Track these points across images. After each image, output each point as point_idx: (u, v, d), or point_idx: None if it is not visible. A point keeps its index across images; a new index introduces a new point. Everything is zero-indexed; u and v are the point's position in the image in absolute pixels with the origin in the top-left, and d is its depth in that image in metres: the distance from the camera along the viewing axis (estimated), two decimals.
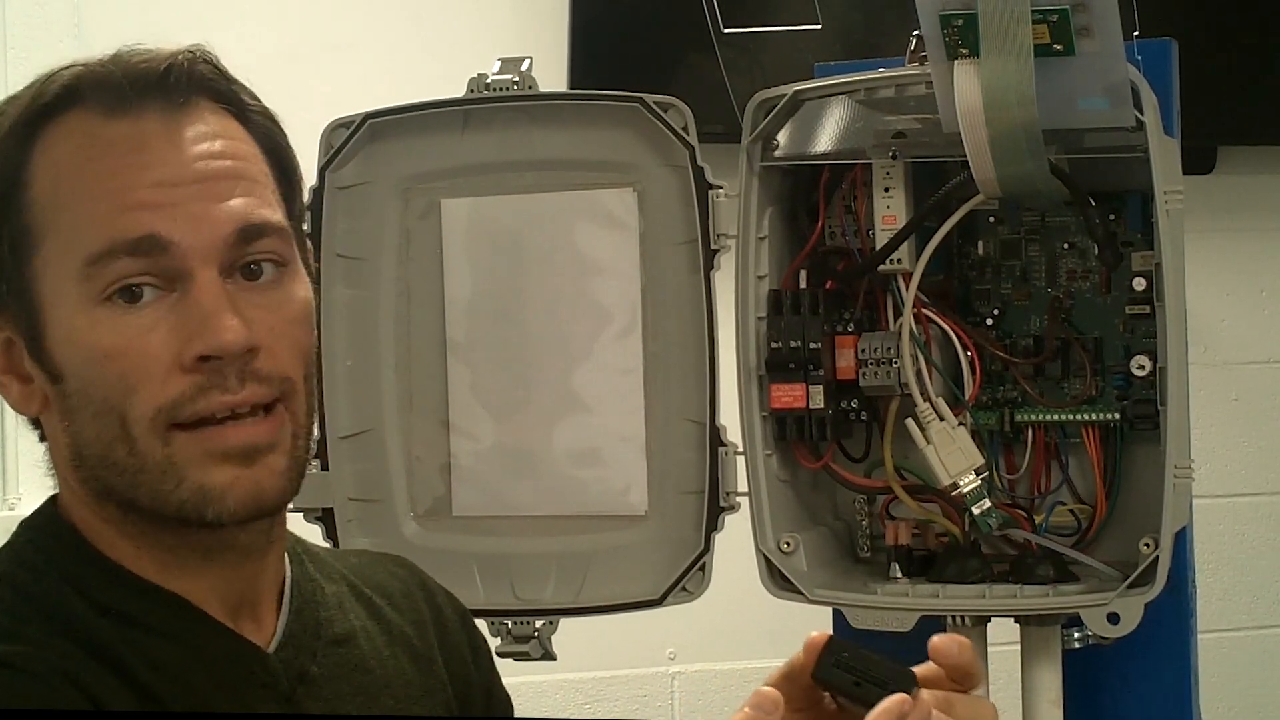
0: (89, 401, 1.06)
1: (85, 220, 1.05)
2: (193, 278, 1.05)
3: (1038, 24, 1.34)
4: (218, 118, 1.11)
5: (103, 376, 1.05)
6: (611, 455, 1.61)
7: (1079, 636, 1.54)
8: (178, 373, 1.05)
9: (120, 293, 1.05)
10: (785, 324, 1.54)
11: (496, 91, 1.60)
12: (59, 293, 1.06)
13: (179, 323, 1.05)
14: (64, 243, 1.06)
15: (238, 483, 1.06)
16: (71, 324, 1.05)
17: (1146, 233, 1.53)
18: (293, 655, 1.15)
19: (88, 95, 1.08)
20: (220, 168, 1.08)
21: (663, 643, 3.01)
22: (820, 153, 1.58)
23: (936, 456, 1.50)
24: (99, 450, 1.07)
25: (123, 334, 1.04)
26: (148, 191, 1.06)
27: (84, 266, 1.04)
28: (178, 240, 1.05)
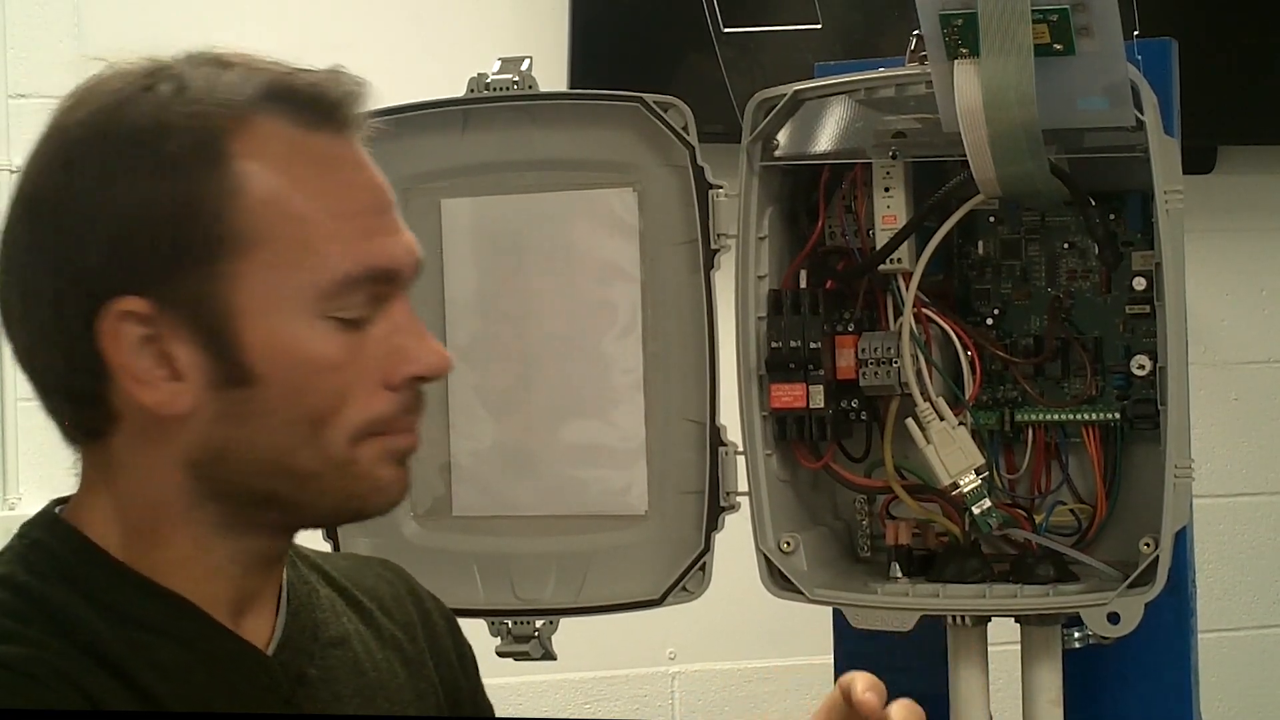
0: (288, 409, 1.07)
1: (326, 238, 1.07)
2: (394, 301, 1.10)
3: (1038, 24, 1.34)
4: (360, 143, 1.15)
5: (316, 387, 1.07)
6: (611, 455, 1.61)
7: (1079, 636, 1.54)
8: (381, 390, 1.10)
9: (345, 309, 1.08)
10: (785, 324, 1.54)
11: (496, 91, 1.60)
12: (273, 300, 1.06)
13: (389, 343, 1.10)
14: (293, 254, 1.06)
15: (398, 480, 1.13)
16: (292, 334, 1.06)
17: (1146, 232, 1.53)
18: (291, 657, 1.15)
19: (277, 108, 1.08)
20: (391, 194, 1.14)
21: (663, 642, 3.01)
22: (820, 152, 1.58)
23: (936, 456, 1.50)
24: (273, 456, 1.08)
25: (343, 349, 1.08)
26: (374, 219, 1.10)
27: (334, 285, 1.06)
28: (403, 270, 1.10)
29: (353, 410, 1.08)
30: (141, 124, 1.06)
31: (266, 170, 1.07)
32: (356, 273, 1.07)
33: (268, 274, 1.06)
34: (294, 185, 1.07)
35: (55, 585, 1.08)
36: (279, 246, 1.06)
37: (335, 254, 1.07)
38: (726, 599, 1.62)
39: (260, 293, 1.06)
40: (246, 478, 1.09)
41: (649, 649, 3.01)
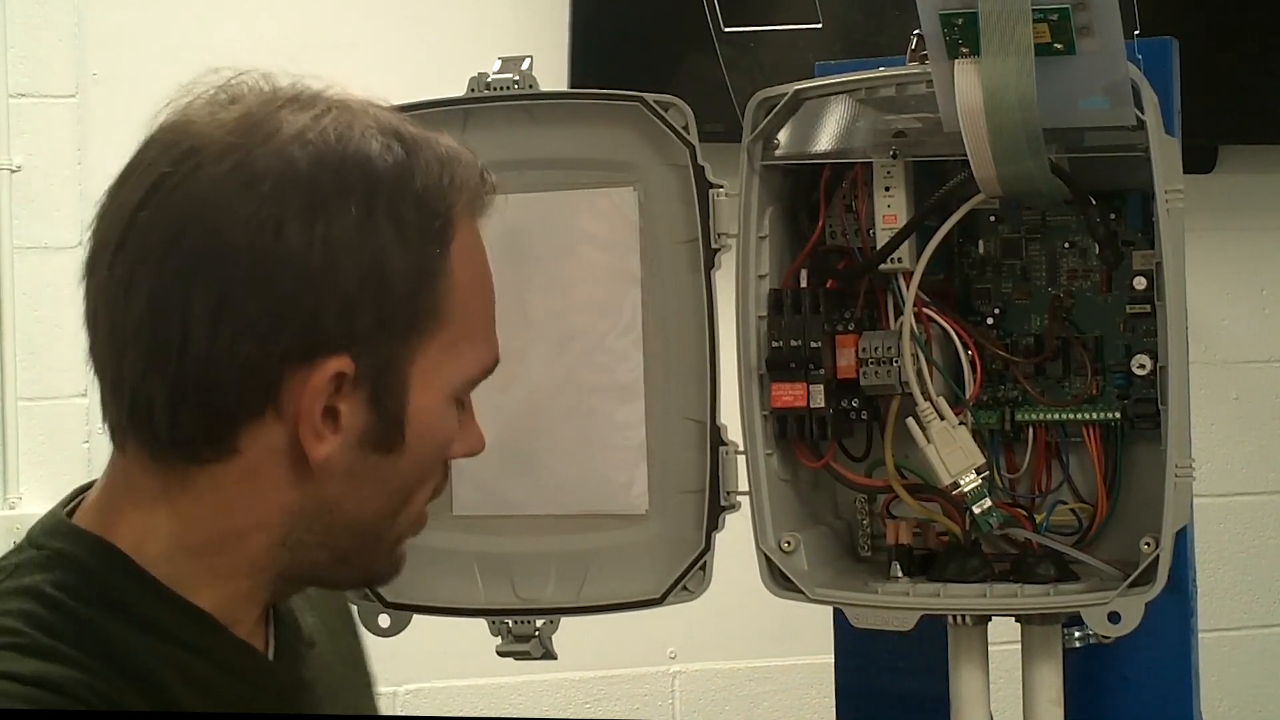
0: (408, 480, 1.13)
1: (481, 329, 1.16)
2: None
3: (1038, 23, 1.34)
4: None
5: (435, 462, 1.15)
6: (612, 454, 1.61)
7: (1080, 636, 1.54)
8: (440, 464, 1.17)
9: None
10: (786, 323, 1.54)
11: (497, 91, 1.60)
12: (438, 377, 1.11)
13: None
14: (459, 339, 1.12)
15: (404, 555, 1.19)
16: (441, 410, 1.13)
17: (1147, 232, 1.53)
18: (290, 663, 1.16)
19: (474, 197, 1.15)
20: None
21: (663, 642, 3.01)
22: (821, 152, 1.57)
23: (937, 455, 1.50)
24: (369, 518, 1.13)
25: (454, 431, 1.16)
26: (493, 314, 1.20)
27: (480, 373, 1.15)
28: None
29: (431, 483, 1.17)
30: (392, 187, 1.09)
31: (467, 261, 1.13)
32: (490, 364, 1.17)
33: (440, 354, 1.11)
34: (479, 272, 1.15)
35: (88, 599, 1.07)
36: (455, 329, 1.12)
37: (486, 347, 1.16)
38: (727, 598, 1.62)
39: (430, 369, 1.11)
40: (337, 534, 1.12)
41: (649, 648, 3.01)
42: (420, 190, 1.09)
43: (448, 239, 1.11)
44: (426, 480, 1.16)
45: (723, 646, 3.00)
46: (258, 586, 1.12)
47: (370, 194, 1.08)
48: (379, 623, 1.58)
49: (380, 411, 1.09)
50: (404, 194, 1.09)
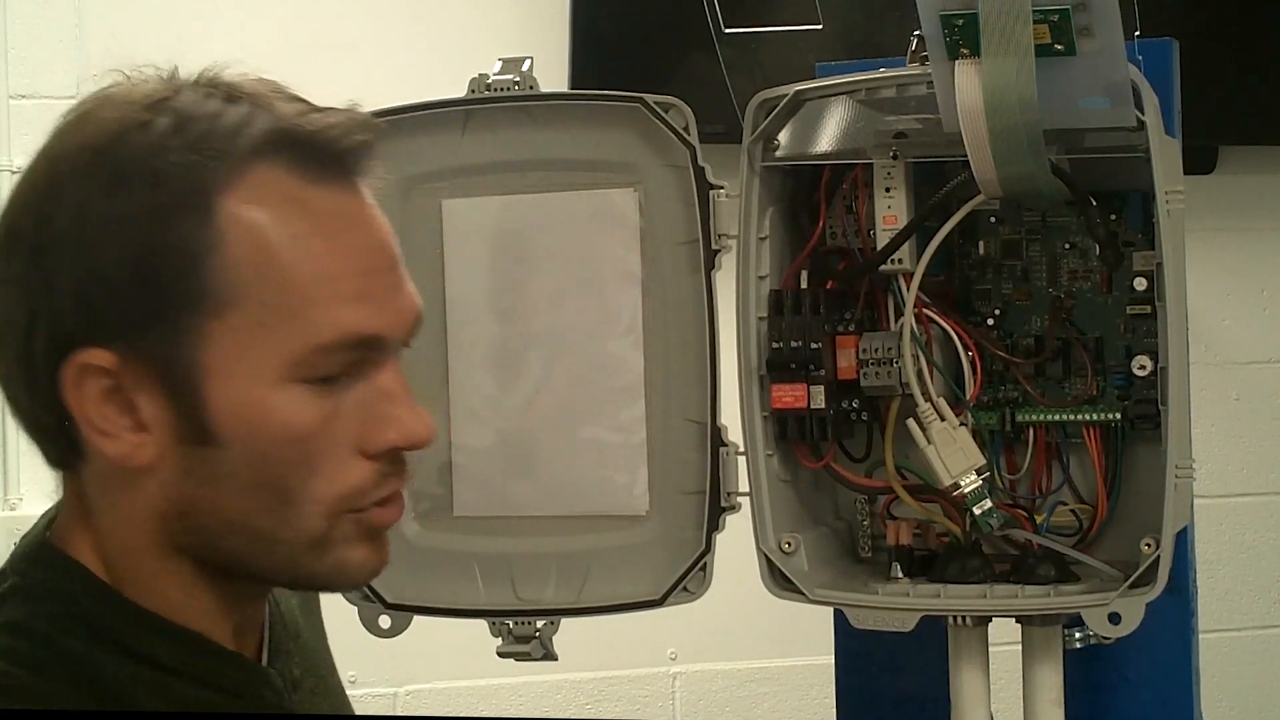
0: (251, 473, 1.03)
1: (303, 303, 1.02)
2: (380, 366, 1.06)
3: (1038, 24, 1.34)
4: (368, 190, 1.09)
5: (284, 454, 1.03)
6: (612, 455, 1.61)
7: (1080, 636, 1.54)
8: (358, 458, 1.05)
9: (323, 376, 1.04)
10: (786, 324, 1.54)
11: (497, 91, 1.60)
12: (243, 362, 1.02)
13: (365, 410, 1.05)
14: (267, 317, 1.01)
15: (368, 560, 1.08)
16: (258, 398, 1.02)
17: (1147, 232, 1.53)
18: (284, 665, 1.16)
19: (280, 154, 1.03)
20: (396, 249, 1.08)
21: (664, 643, 3.01)
22: (821, 153, 1.57)
23: (937, 456, 1.50)
24: (236, 516, 1.04)
25: (315, 416, 1.03)
26: (361, 281, 1.04)
27: (307, 352, 1.02)
28: (388, 337, 1.05)
29: (323, 480, 1.04)
30: (130, 166, 1.01)
31: (253, 227, 1.02)
32: (333, 340, 1.02)
33: (238, 337, 1.01)
34: (280, 244, 1.02)
35: (72, 633, 1.04)
36: (255, 308, 1.01)
37: (313, 320, 1.02)
38: (727, 599, 1.62)
39: (231, 354, 1.01)
40: (212, 536, 1.05)
41: (650, 649, 3.01)
42: (171, 166, 1.01)
43: (209, 212, 1.00)
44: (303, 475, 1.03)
45: (723, 647, 3.00)
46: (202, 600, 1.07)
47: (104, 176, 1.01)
48: (379, 623, 1.58)
49: (177, 403, 1.02)
50: (148, 175, 1.01)
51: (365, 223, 1.06)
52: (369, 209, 1.07)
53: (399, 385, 1.07)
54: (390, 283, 1.07)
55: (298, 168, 1.03)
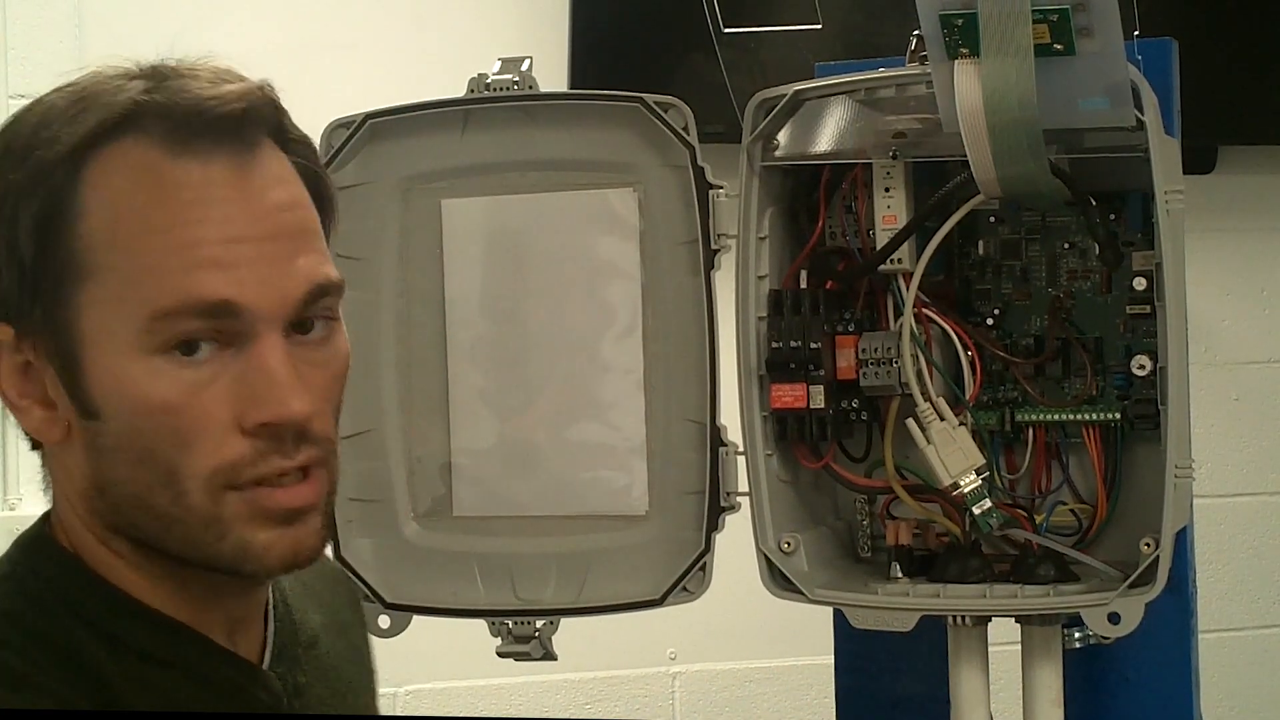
0: (131, 446, 1.03)
1: (150, 271, 1.01)
2: (257, 338, 1.04)
3: (1038, 24, 1.34)
4: (277, 161, 1.07)
5: (153, 427, 1.02)
6: (612, 455, 1.61)
7: (1080, 636, 1.54)
8: (236, 434, 1.03)
9: (179, 344, 1.02)
10: (785, 324, 1.54)
11: (497, 91, 1.60)
12: (107, 333, 1.02)
13: (241, 384, 1.03)
14: (121, 287, 1.02)
15: (279, 542, 1.06)
16: (122, 369, 1.02)
17: (1147, 232, 1.53)
18: (287, 669, 1.15)
19: (148, 125, 1.03)
20: (288, 221, 1.06)
21: (664, 643, 3.01)
22: (820, 152, 1.57)
23: (937, 456, 1.50)
24: (133, 491, 1.04)
25: (179, 388, 1.02)
26: (220, 249, 1.02)
27: (148, 320, 1.01)
28: (249, 305, 1.03)
29: (199, 455, 1.03)
30: (15, 142, 1.03)
31: (110, 199, 1.02)
32: (172, 306, 1.01)
33: (103, 307, 1.02)
34: (130, 214, 1.02)
35: (59, 619, 1.05)
36: (111, 278, 1.02)
37: (157, 288, 1.01)
38: (727, 599, 1.62)
39: (98, 325, 1.02)
40: (126, 514, 1.06)
41: (650, 649, 3.01)
42: (45, 142, 1.02)
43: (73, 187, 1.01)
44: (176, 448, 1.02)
45: (723, 647, 3.00)
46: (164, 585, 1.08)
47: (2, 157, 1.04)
48: (379, 623, 1.58)
49: (64, 376, 1.04)
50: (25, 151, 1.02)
51: (236, 193, 1.04)
52: (248, 179, 1.05)
53: (278, 359, 1.04)
54: (263, 253, 1.04)
55: (165, 139, 1.03)
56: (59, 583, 1.08)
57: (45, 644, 1.04)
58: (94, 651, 1.05)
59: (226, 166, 1.04)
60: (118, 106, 1.03)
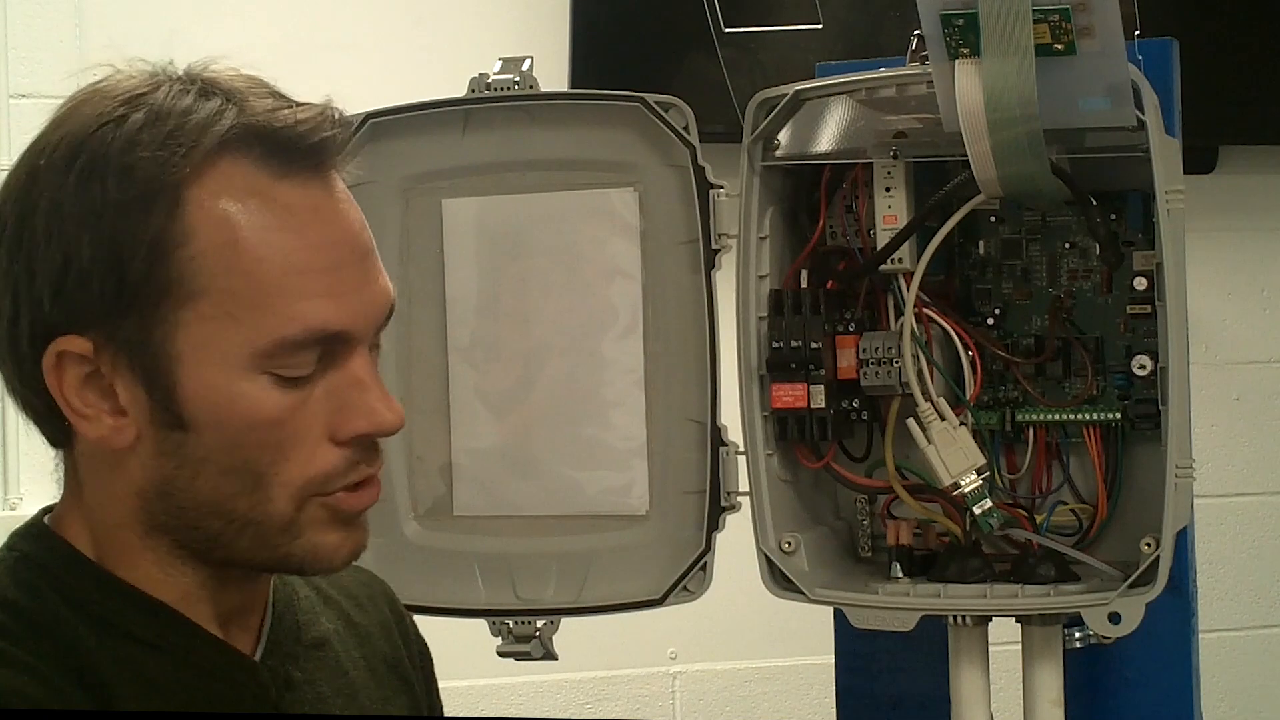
0: (224, 458, 1.06)
1: (267, 297, 1.04)
2: (352, 356, 1.08)
3: (1039, 23, 1.34)
4: (341, 181, 1.11)
5: (255, 441, 1.06)
6: (613, 455, 1.61)
7: (1080, 636, 1.54)
8: (327, 444, 1.07)
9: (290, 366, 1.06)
10: (786, 324, 1.54)
11: (497, 91, 1.60)
12: (210, 351, 1.04)
13: (334, 398, 1.07)
14: (235, 308, 1.04)
15: (345, 544, 1.10)
16: (229, 385, 1.04)
17: (1148, 232, 1.53)
18: (278, 663, 1.15)
19: (245, 148, 1.05)
20: (366, 241, 1.10)
21: (664, 642, 3.01)
22: (821, 152, 1.58)
23: (938, 456, 1.50)
24: (211, 499, 1.07)
25: (285, 405, 1.06)
26: (331, 276, 1.06)
27: (271, 344, 1.04)
28: (355, 331, 1.07)
29: (294, 465, 1.06)
30: (105, 160, 1.04)
31: (220, 219, 1.04)
32: (297, 336, 1.05)
33: (207, 325, 1.04)
34: (247, 237, 1.04)
35: (47, 600, 1.07)
36: (223, 299, 1.04)
37: (279, 314, 1.04)
38: (727, 599, 1.62)
39: (201, 343, 1.04)
40: (189, 517, 1.08)
41: (650, 649, 3.01)
42: (142, 160, 1.03)
43: (177, 207, 1.03)
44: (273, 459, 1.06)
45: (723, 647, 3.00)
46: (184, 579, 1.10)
47: (80, 170, 1.03)
48: None
49: (151, 389, 1.05)
50: (121, 168, 1.03)
51: (334, 216, 1.08)
52: (339, 202, 1.09)
53: (368, 374, 1.09)
54: (358, 276, 1.08)
55: (265, 162, 1.06)
56: (50, 567, 1.09)
57: (29, 621, 1.06)
58: (80, 631, 1.06)
59: (321, 190, 1.08)
60: (219, 130, 1.05)
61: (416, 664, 1.34)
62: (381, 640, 1.29)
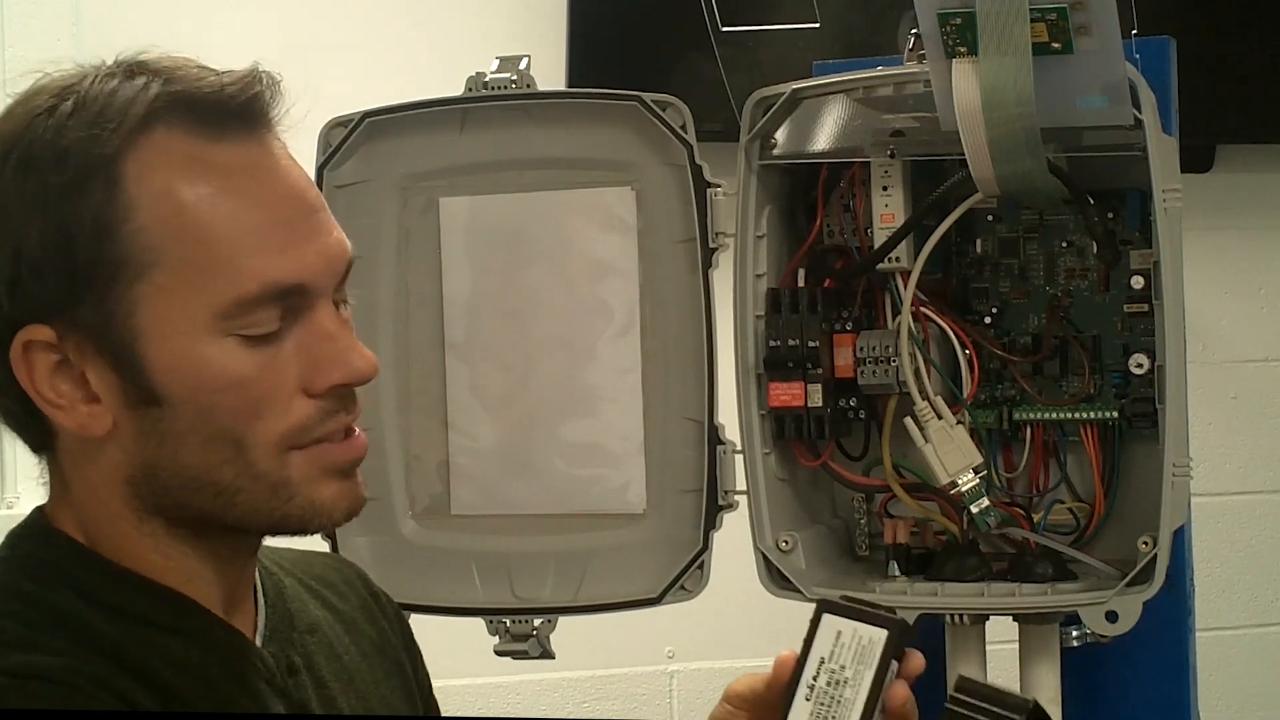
0: (202, 427, 1.06)
1: (222, 258, 1.05)
2: (317, 309, 1.08)
3: (1036, 22, 1.34)
4: (280, 140, 1.11)
5: (226, 404, 1.06)
6: (610, 454, 1.61)
7: (1077, 635, 1.54)
8: (301, 398, 1.08)
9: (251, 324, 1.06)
10: (784, 322, 1.54)
11: (495, 90, 1.60)
12: (173, 321, 1.05)
13: (304, 351, 1.08)
14: (189, 275, 1.04)
15: (343, 495, 1.11)
16: (195, 353, 1.05)
17: (1145, 231, 1.53)
18: (279, 648, 1.16)
19: (173, 117, 1.06)
20: (315, 197, 1.11)
21: (661, 641, 3.01)
22: (818, 151, 1.58)
23: (935, 455, 1.50)
24: (197, 473, 1.07)
25: (254, 364, 1.06)
26: (281, 231, 1.07)
27: (230, 306, 1.04)
28: (312, 282, 1.08)
29: (269, 422, 1.07)
30: (38, 149, 1.04)
31: (160, 190, 1.05)
32: (255, 293, 1.05)
33: (165, 296, 1.04)
34: (191, 203, 1.05)
35: (61, 593, 1.08)
36: (174, 268, 1.04)
37: (231, 274, 1.05)
38: (725, 598, 1.62)
39: (161, 315, 1.05)
40: (179, 494, 1.08)
41: (647, 648, 3.01)
42: (74, 143, 1.04)
43: (115, 182, 1.04)
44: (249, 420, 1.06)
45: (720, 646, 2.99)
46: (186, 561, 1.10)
47: (17, 164, 1.04)
48: None
49: (120, 369, 1.05)
50: (54, 155, 1.04)
51: (275, 173, 1.09)
52: (279, 160, 1.09)
53: (335, 324, 1.09)
54: (308, 230, 1.08)
55: (198, 128, 1.06)
56: (55, 561, 1.10)
57: (47, 611, 1.06)
58: (98, 619, 1.06)
59: (259, 149, 1.08)
60: (144, 102, 1.05)
61: (398, 637, 1.34)
62: (366, 625, 1.30)
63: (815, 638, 1.11)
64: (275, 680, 1.13)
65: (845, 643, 1.10)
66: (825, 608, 1.11)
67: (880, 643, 1.10)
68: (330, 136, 1.61)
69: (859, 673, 1.09)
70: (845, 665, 1.09)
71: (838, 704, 1.09)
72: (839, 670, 1.09)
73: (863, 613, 1.11)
